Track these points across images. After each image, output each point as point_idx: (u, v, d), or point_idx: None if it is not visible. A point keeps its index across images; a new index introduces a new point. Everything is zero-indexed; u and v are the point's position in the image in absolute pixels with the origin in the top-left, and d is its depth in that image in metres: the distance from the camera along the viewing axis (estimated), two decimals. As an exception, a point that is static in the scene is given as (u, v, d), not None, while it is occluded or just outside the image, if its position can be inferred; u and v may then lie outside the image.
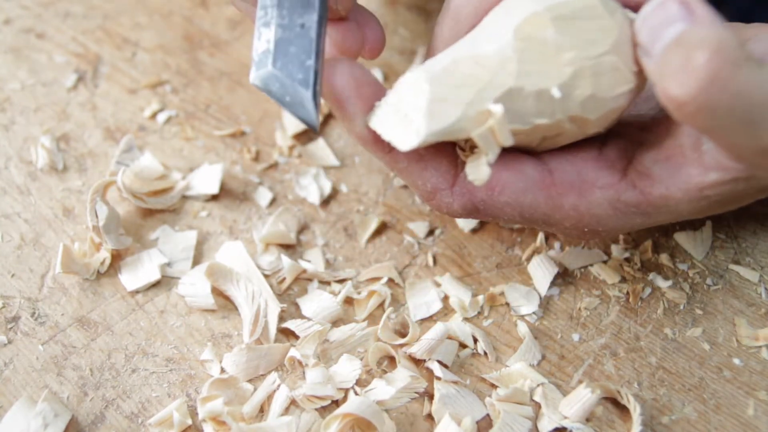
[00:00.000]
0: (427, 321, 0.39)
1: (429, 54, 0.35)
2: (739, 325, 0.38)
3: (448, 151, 0.34)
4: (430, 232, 0.43)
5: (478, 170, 0.31)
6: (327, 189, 0.45)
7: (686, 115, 0.28)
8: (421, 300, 0.40)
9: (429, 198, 0.34)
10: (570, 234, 0.35)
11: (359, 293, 0.40)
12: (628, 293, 0.40)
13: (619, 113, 0.33)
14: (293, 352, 0.37)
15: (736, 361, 0.37)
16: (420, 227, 0.43)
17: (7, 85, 0.50)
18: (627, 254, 0.41)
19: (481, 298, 0.40)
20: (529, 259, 0.41)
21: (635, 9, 0.32)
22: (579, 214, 0.33)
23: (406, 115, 0.31)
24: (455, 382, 0.36)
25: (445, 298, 0.40)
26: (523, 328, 0.38)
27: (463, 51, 0.32)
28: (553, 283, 0.40)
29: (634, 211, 0.33)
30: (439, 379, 0.36)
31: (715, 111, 0.27)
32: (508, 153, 0.33)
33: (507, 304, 0.40)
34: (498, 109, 0.30)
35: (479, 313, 0.40)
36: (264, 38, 0.32)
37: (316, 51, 0.32)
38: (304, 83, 0.31)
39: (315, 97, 0.31)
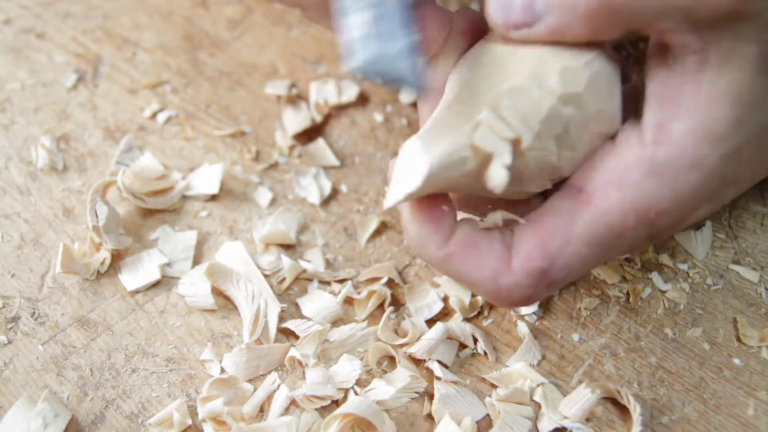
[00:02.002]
0: (428, 321, 0.39)
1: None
2: (739, 325, 0.38)
3: (497, 235, 0.33)
4: (430, 232, 0.43)
5: (496, 175, 0.30)
6: (327, 189, 0.45)
7: (614, 11, 0.28)
8: (422, 302, 0.40)
9: (493, 287, 0.32)
10: (648, 233, 0.32)
11: (359, 293, 0.40)
12: (628, 293, 0.40)
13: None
14: (293, 352, 0.37)
15: (736, 361, 0.37)
16: (420, 227, 0.43)
17: (7, 85, 0.50)
18: (627, 254, 0.41)
19: (480, 298, 0.40)
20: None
21: None
22: (634, 205, 0.31)
23: (408, 169, 0.30)
24: (455, 382, 0.36)
25: (445, 299, 0.40)
26: (523, 328, 0.38)
27: (443, 108, 0.32)
28: (553, 283, 0.40)
29: (678, 165, 0.30)
30: (439, 379, 0.36)
31: None
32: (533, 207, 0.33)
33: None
34: (485, 112, 0.30)
35: (479, 313, 0.40)
36: (348, 26, 0.30)
37: (404, 21, 0.30)
38: (401, 54, 0.29)
39: (413, 67, 0.29)
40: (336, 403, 0.36)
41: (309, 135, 0.48)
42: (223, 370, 0.37)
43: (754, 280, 0.40)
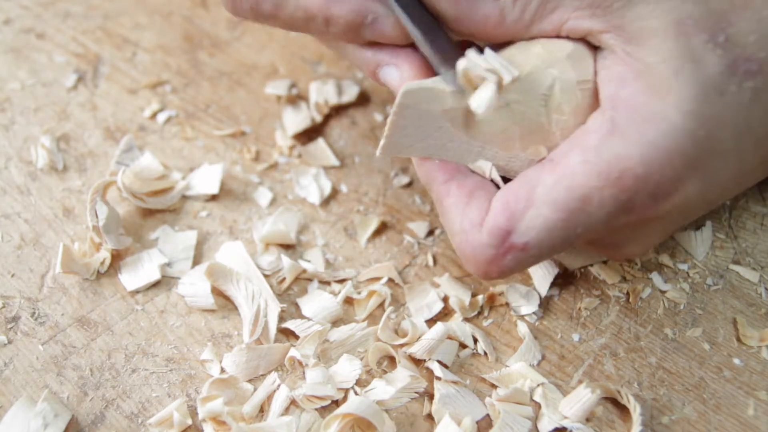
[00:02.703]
0: (428, 321, 0.39)
1: None
2: (739, 325, 0.38)
3: (491, 196, 0.34)
4: (430, 232, 0.43)
5: (483, 96, 0.31)
6: (327, 189, 0.45)
7: None
8: (422, 302, 0.40)
9: (463, 240, 0.33)
10: (612, 196, 0.32)
11: (359, 293, 0.40)
12: (628, 293, 0.40)
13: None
14: (293, 352, 0.37)
15: (736, 361, 0.37)
16: (420, 227, 0.43)
17: (7, 85, 0.50)
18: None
19: (480, 297, 0.40)
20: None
21: None
22: (596, 168, 0.31)
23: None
24: (455, 382, 0.36)
25: (445, 299, 0.40)
26: (523, 328, 0.38)
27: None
28: (553, 283, 0.40)
29: (636, 122, 0.31)
30: (439, 379, 0.36)
31: None
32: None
33: (507, 304, 0.40)
34: (469, 51, 0.32)
35: (479, 313, 0.40)
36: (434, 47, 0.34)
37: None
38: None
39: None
40: (336, 403, 0.36)
41: (309, 135, 0.48)
42: (223, 370, 0.37)
43: (754, 280, 0.40)
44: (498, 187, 0.34)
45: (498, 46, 0.35)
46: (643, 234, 0.34)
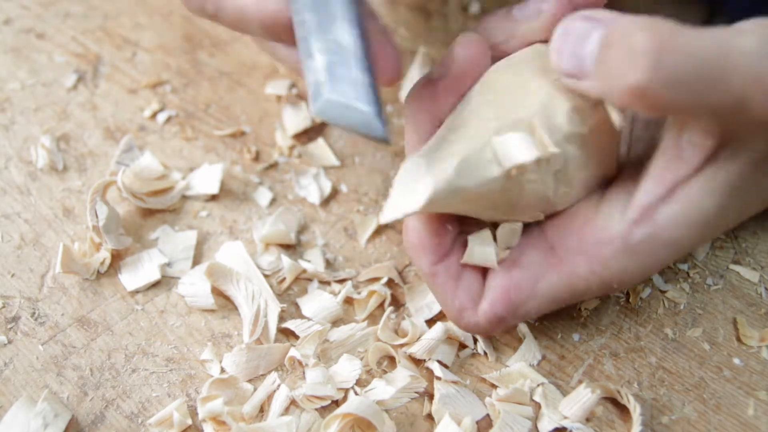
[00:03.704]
0: (428, 321, 0.39)
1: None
2: (739, 325, 0.38)
3: (482, 276, 0.35)
4: (430, 232, 0.43)
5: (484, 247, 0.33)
6: (327, 189, 0.45)
7: (653, 98, 0.27)
8: (422, 302, 0.40)
9: (456, 318, 0.35)
10: (605, 293, 0.36)
11: (359, 293, 0.40)
12: (628, 293, 0.40)
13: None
14: (293, 352, 0.37)
15: (736, 361, 0.37)
16: (420, 227, 0.43)
17: (7, 85, 0.50)
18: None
19: None
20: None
21: None
22: (599, 278, 0.32)
23: (410, 187, 0.31)
24: (455, 382, 0.36)
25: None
26: (523, 328, 0.38)
27: (447, 130, 0.33)
28: (553, 283, 0.40)
29: (652, 245, 0.31)
30: (439, 379, 0.36)
31: (677, 77, 0.26)
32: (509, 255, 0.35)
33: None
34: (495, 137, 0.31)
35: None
36: (311, 70, 0.30)
37: (362, 66, 0.30)
38: (361, 100, 0.29)
39: (379, 111, 0.29)
40: (336, 403, 0.36)
41: (309, 135, 0.48)
42: (223, 370, 0.37)
43: (754, 280, 0.40)
44: None
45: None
46: None
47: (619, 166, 0.35)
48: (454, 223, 0.35)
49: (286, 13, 0.31)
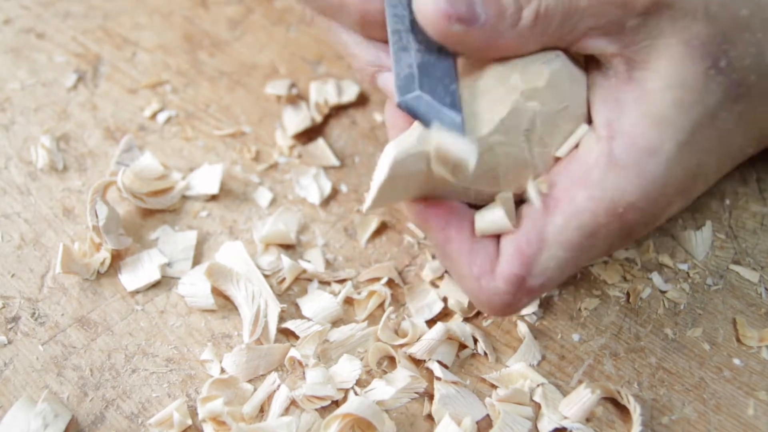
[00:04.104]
0: (428, 321, 0.39)
1: None
2: (739, 325, 0.38)
3: (496, 242, 0.34)
4: (430, 232, 0.43)
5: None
6: (327, 189, 0.45)
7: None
8: (422, 303, 0.40)
9: (476, 288, 0.33)
10: (620, 225, 0.33)
11: (359, 293, 0.40)
12: (628, 293, 0.40)
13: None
14: (293, 352, 0.37)
15: (736, 361, 0.37)
16: (420, 227, 0.43)
17: (7, 85, 0.50)
18: (627, 254, 0.41)
19: None
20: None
21: None
22: (601, 203, 0.31)
23: (380, 168, 0.31)
24: (455, 382, 0.36)
25: (445, 299, 0.40)
26: (523, 328, 0.38)
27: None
28: (553, 283, 0.40)
29: (634, 155, 0.31)
30: (439, 379, 0.36)
31: None
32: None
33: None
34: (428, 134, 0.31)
35: (479, 313, 0.40)
36: (404, 62, 0.32)
37: (457, 74, 0.32)
38: (453, 106, 0.31)
39: (463, 121, 0.31)
40: (336, 403, 0.36)
41: (309, 135, 0.48)
42: (223, 370, 0.37)
43: (754, 280, 0.40)
44: None
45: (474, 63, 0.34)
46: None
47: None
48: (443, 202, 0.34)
49: (383, 11, 0.33)
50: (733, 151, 0.33)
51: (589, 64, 0.33)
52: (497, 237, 0.34)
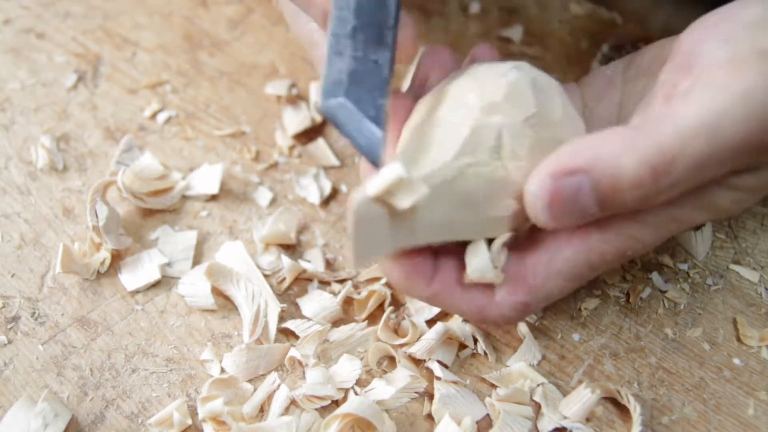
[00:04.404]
0: (428, 321, 0.39)
1: None
2: (739, 325, 0.38)
3: None
4: (430, 232, 0.43)
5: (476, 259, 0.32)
6: (327, 189, 0.45)
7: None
8: (422, 303, 0.40)
9: (480, 318, 0.33)
10: (620, 262, 0.33)
11: (359, 293, 0.40)
12: (628, 293, 0.40)
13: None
14: (293, 352, 0.37)
15: (736, 361, 0.37)
16: (420, 227, 0.43)
17: (7, 85, 0.50)
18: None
19: None
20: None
21: None
22: (614, 246, 0.32)
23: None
24: (455, 382, 0.36)
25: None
26: (523, 328, 0.38)
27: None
28: (553, 283, 0.40)
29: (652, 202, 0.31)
30: (439, 379, 0.36)
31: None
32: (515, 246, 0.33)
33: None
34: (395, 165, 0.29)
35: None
36: (336, 67, 0.31)
37: (387, 92, 0.31)
38: (377, 121, 0.30)
39: (384, 139, 0.30)
40: (336, 403, 0.36)
41: (309, 135, 0.48)
42: (223, 370, 0.37)
43: (754, 280, 0.40)
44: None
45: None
46: None
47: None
48: (427, 253, 0.33)
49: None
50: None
51: None
52: None
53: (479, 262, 0.32)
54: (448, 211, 0.31)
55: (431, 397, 0.36)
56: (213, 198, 0.45)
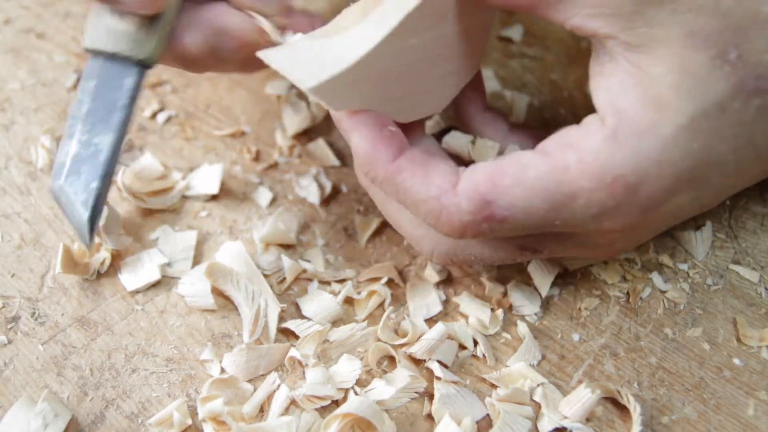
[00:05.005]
0: (427, 321, 0.39)
1: None
2: (739, 325, 0.38)
3: (448, 159, 0.34)
4: (430, 232, 0.43)
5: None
6: (327, 189, 0.45)
7: None
8: (422, 302, 0.40)
9: (435, 208, 0.32)
10: (599, 194, 0.32)
11: (359, 293, 0.40)
12: (628, 293, 0.40)
13: None
14: (293, 352, 0.37)
15: (736, 361, 0.37)
16: (420, 227, 0.43)
17: (7, 85, 0.50)
18: (627, 254, 0.41)
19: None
20: (529, 260, 0.41)
21: None
22: (588, 167, 0.30)
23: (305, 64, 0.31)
24: (455, 382, 0.36)
25: (446, 301, 0.40)
26: (523, 328, 0.38)
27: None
28: (553, 283, 0.40)
29: (630, 134, 0.31)
30: (439, 379, 0.36)
31: None
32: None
33: (510, 305, 0.40)
34: None
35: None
36: (65, 150, 0.36)
37: (102, 174, 0.35)
38: (85, 205, 0.35)
39: (92, 219, 0.35)
40: (336, 403, 0.36)
41: (309, 135, 0.48)
42: (223, 370, 0.37)
43: (754, 280, 0.40)
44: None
45: None
46: (631, 235, 0.34)
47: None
48: (397, 127, 0.33)
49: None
50: (757, 143, 0.32)
51: (592, 57, 0.33)
52: (454, 158, 0.34)
53: (460, 137, 0.34)
54: (380, 73, 0.32)
55: (431, 397, 0.36)
56: (213, 198, 0.45)
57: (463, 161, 0.36)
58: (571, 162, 0.31)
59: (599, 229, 0.32)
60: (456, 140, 0.37)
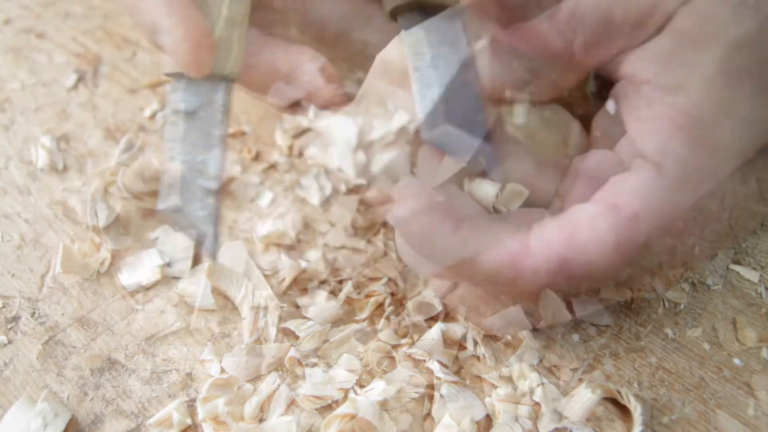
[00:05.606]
0: (427, 321, 0.39)
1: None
2: (739, 325, 0.38)
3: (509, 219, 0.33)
4: (430, 232, 0.43)
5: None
6: (327, 189, 0.45)
7: None
8: (422, 302, 0.40)
9: (512, 274, 0.30)
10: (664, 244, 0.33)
11: (359, 293, 0.40)
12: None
13: None
14: (293, 352, 0.37)
15: (736, 361, 0.37)
16: (420, 227, 0.43)
17: (7, 85, 0.50)
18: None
19: None
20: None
21: None
22: (652, 212, 0.30)
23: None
24: (455, 382, 0.36)
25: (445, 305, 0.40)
26: (523, 328, 0.38)
27: None
28: (553, 283, 0.40)
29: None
30: (439, 379, 0.36)
31: None
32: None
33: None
34: None
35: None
36: (429, 98, 0.33)
37: (213, 196, 0.36)
38: (206, 221, 0.35)
39: (215, 233, 0.35)
40: (336, 403, 0.36)
41: (309, 135, 0.48)
42: (223, 370, 0.37)
43: (754, 280, 0.40)
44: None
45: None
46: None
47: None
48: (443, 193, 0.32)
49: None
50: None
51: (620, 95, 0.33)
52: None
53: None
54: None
55: (431, 397, 0.36)
56: (213, 198, 0.45)
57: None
58: (638, 209, 0.30)
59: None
60: (482, 188, 0.34)
